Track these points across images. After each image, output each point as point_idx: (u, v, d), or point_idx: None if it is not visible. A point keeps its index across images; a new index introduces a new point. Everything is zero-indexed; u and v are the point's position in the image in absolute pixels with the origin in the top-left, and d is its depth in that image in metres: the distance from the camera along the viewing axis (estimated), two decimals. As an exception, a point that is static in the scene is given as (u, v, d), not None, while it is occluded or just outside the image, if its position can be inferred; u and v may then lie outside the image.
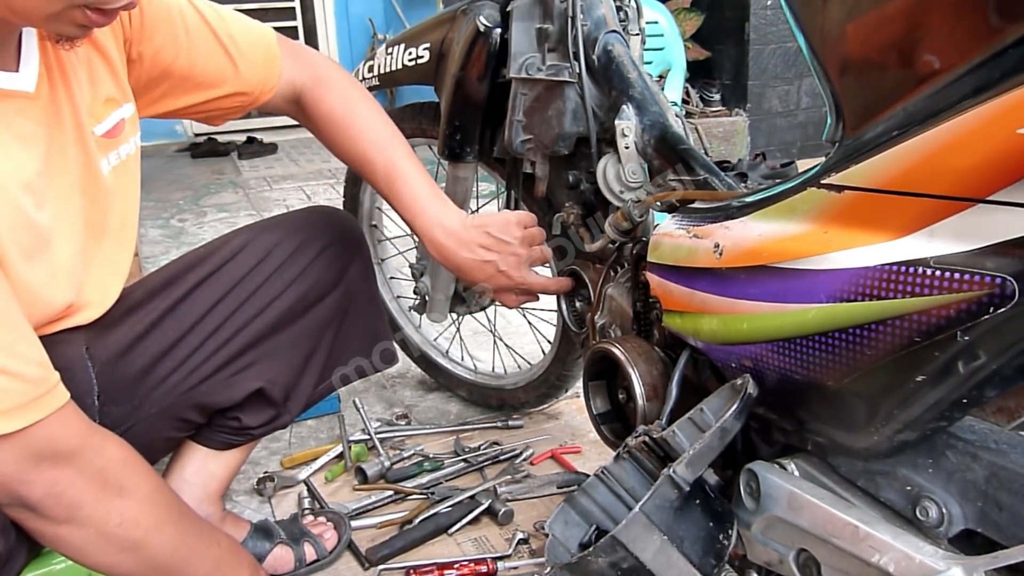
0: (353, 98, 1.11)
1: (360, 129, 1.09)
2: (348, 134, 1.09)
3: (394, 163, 1.07)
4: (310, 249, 1.10)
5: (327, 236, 1.12)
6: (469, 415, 1.67)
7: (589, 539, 0.82)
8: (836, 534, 0.65)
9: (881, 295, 0.57)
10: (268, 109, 1.12)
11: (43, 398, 0.74)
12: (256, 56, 1.04)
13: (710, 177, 0.90)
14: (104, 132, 0.91)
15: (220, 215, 3.32)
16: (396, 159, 1.07)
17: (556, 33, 1.08)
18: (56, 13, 0.70)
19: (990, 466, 0.59)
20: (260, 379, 1.06)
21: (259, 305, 1.06)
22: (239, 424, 1.09)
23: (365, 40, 4.80)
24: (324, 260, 1.11)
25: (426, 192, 1.06)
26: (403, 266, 1.65)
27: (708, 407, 0.76)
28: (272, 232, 1.11)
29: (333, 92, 1.10)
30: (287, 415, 1.12)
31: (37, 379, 0.74)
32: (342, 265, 1.13)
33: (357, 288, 1.16)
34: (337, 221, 1.17)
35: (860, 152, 0.60)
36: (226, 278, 1.06)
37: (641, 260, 0.91)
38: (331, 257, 1.12)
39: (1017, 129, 0.47)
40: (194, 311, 1.04)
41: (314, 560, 1.21)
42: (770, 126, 3.85)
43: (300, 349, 1.11)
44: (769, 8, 3.61)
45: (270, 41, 1.07)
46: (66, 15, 0.71)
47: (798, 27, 0.67)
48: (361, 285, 1.17)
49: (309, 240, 1.11)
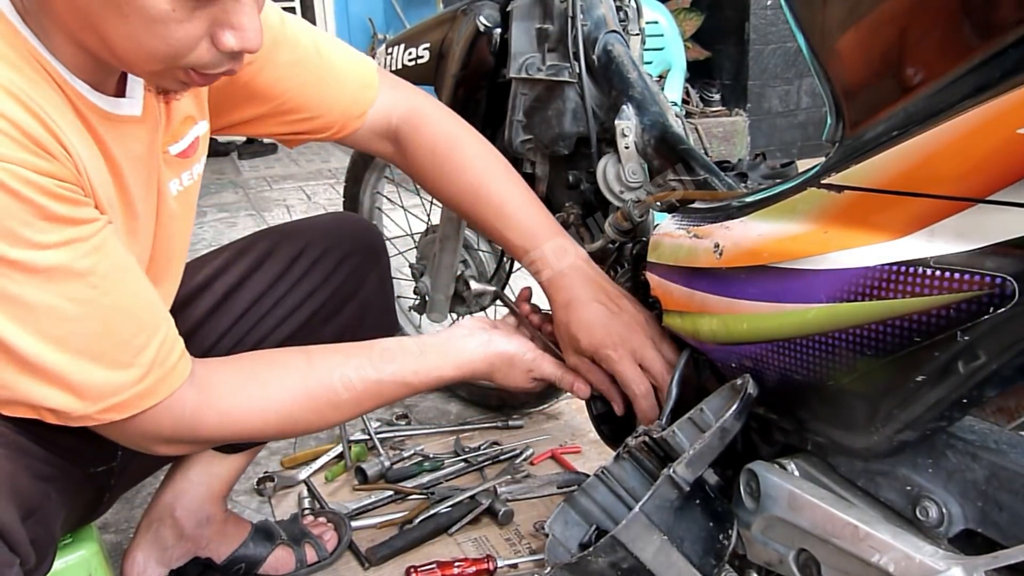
0: (457, 128, 1.03)
1: (469, 158, 1.00)
2: (455, 165, 0.99)
3: (508, 196, 0.97)
4: (332, 258, 1.09)
5: (349, 245, 1.11)
6: (469, 415, 1.67)
7: (589, 539, 0.82)
8: (836, 534, 0.65)
9: (881, 295, 0.57)
10: (353, 143, 1.04)
11: (168, 377, 0.75)
12: (348, 81, 0.98)
13: (710, 177, 0.90)
14: (179, 152, 0.86)
15: (220, 215, 3.32)
16: (511, 191, 0.98)
17: (556, 33, 1.08)
18: (159, 71, 0.68)
19: (990, 466, 0.59)
20: None
21: (281, 315, 1.05)
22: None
23: (365, 40, 4.80)
24: (345, 270, 1.10)
25: (549, 228, 0.96)
26: (403, 266, 1.66)
27: (708, 407, 0.76)
28: (297, 239, 1.09)
29: (433, 121, 1.02)
30: None
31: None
32: (362, 276, 1.12)
33: (375, 299, 1.15)
34: (361, 231, 1.15)
35: (860, 152, 0.60)
36: (248, 291, 1.04)
37: (641, 260, 0.91)
38: (352, 267, 1.11)
39: (1017, 129, 0.47)
40: (219, 326, 1.02)
41: (315, 561, 1.22)
42: (770, 126, 3.85)
43: None
44: (769, 8, 3.61)
45: (369, 68, 1.01)
46: (169, 73, 0.68)
47: (798, 27, 0.67)
48: (379, 296, 1.16)
49: (332, 248, 1.10)
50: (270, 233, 1.11)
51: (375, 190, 1.70)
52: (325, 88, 0.97)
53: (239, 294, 1.04)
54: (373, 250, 1.15)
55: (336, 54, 0.98)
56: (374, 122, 1.01)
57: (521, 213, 0.96)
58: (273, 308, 1.05)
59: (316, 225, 1.13)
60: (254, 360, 0.86)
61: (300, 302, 1.06)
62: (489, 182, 0.98)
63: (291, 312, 1.06)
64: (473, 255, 1.44)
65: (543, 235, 0.94)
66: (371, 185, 1.68)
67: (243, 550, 1.18)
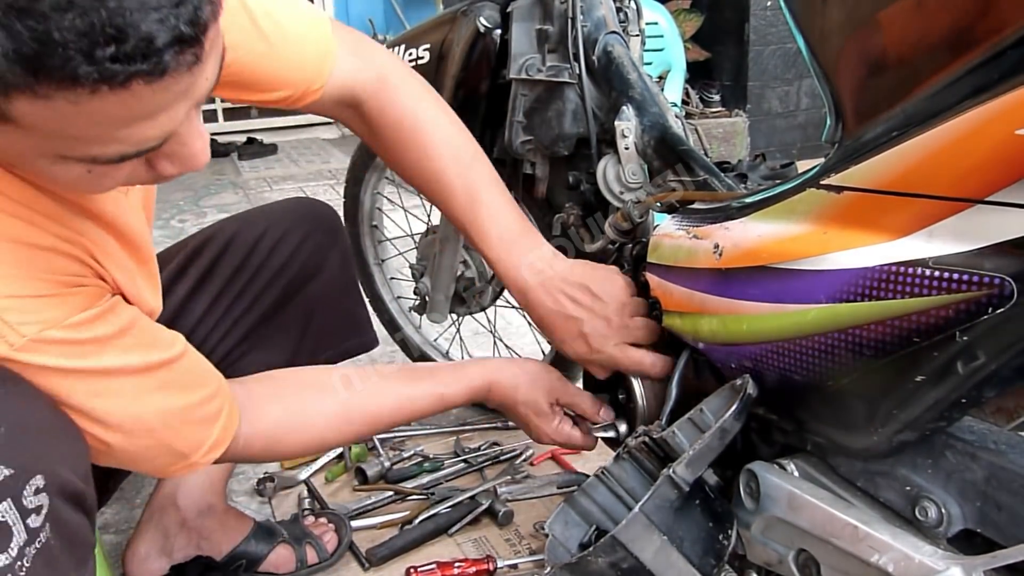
0: (426, 105, 0.96)
1: (435, 144, 0.94)
2: (420, 149, 0.95)
3: (476, 186, 0.94)
4: (292, 238, 1.13)
5: (308, 225, 1.16)
6: (469, 416, 1.67)
7: (589, 539, 0.82)
8: (835, 534, 0.65)
9: (880, 295, 0.57)
10: (315, 111, 0.96)
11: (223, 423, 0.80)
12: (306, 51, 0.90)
13: (710, 178, 0.90)
14: None
15: (220, 216, 3.31)
16: (478, 182, 0.94)
17: (556, 34, 1.09)
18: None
19: (989, 466, 0.59)
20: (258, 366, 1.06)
21: (250, 298, 1.10)
22: None
23: (365, 41, 4.80)
24: (306, 249, 1.14)
25: (512, 223, 0.93)
26: (403, 266, 1.66)
27: (708, 407, 0.76)
28: (256, 223, 1.13)
29: (401, 96, 0.95)
30: None
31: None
32: (324, 253, 1.16)
33: (337, 274, 1.20)
34: (317, 211, 1.20)
35: (859, 153, 0.60)
36: (218, 277, 1.08)
37: (641, 261, 0.91)
38: (313, 246, 1.15)
39: (1016, 130, 0.47)
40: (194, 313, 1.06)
41: (315, 562, 1.22)
42: (770, 127, 3.85)
43: (290, 335, 1.15)
44: (769, 9, 3.61)
45: (324, 32, 0.91)
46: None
47: (797, 28, 0.67)
48: (341, 272, 1.21)
49: (292, 229, 1.14)
50: (232, 220, 1.15)
51: (375, 191, 1.70)
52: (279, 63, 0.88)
53: (210, 280, 1.08)
54: (332, 229, 1.20)
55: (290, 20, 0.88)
56: (333, 90, 0.93)
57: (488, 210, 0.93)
58: (244, 289, 1.09)
59: (275, 209, 1.18)
60: (297, 387, 0.91)
61: (268, 282, 1.11)
62: (457, 172, 0.94)
63: (261, 291, 1.10)
64: (473, 255, 1.44)
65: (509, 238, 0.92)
66: (371, 186, 1.68)
67: (244, 546, 1.18)
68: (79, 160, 0.56)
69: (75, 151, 0.55)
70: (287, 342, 1.14)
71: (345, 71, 0.93)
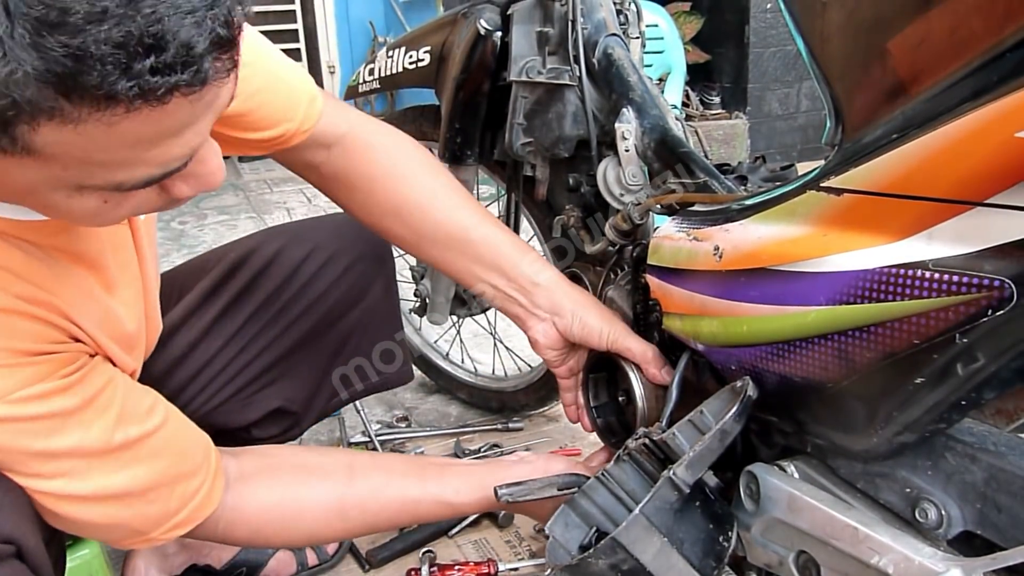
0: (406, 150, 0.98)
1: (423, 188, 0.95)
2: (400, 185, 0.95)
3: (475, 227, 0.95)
4: (338, 263, 1.07)
5: (356, 250, 1.10)
6: (469, 417, 1.67)
7: (589, 541, 0.82)
8: (836, 536, 0.65)
9: (880, 298, 0.57)
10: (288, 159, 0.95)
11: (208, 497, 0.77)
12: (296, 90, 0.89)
13: (710, 180, 0.91)
14: None
15: (221, 217, 3.33)
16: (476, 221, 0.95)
17: (556, 36, 1.09)
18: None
19: (989, 468, 0.59)
20: (279, 398, 1.05)
21: (285, 323, 1.04)
22: (248, 436, 1.07)
23: (365, 43, 4.80)
24: (351, 276, 1.09)
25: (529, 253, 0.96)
26: (403, 269, 1.66)
27: (708, 409, 0.76)
28: (304, 241, 1.07)
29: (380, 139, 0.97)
30: (298, 429, 1.11)
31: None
32: (367, 281, 1.11)
33: (379, 305, 1.14)
34: (367, 236, 1.12)
35: (859, 155, 0.60)
36: (256, 296, 1.02)
37: (641, 262, 0.91)
38: (358, 273, 1.09)
39: (1016, 132, 0.47)
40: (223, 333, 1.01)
41: (315, 564, 1.22)
42: (770, 129, 3.85)
43: (320, 366, 1.09)
44: (769, 11, 3.62)
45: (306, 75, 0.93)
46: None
47: (797, 30, 0.67)
48: (383, 302, 1.15)
49: (339, 253, 1.08)
50: (279, 233, 1.09)
51: (375, 193, 1.70)
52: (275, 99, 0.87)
53: (248, 299, 1.02)
54: (380, 256, 1.13)
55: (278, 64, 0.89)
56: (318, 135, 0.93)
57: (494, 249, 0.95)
58: (281, 313, 1.03)
59: (325, 226, 1.11)
60: (294, 471, 0.86)
61: (307, 308, 1.05)
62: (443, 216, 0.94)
63: (298, 317, 1.04)
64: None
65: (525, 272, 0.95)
66: (372, 188, 1.68)
67: (244, 555, 1.17)
68: (100, 189, 0.52)
69: (97, 179, 0.51)
70: (316, 372, 1.08)
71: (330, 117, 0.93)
